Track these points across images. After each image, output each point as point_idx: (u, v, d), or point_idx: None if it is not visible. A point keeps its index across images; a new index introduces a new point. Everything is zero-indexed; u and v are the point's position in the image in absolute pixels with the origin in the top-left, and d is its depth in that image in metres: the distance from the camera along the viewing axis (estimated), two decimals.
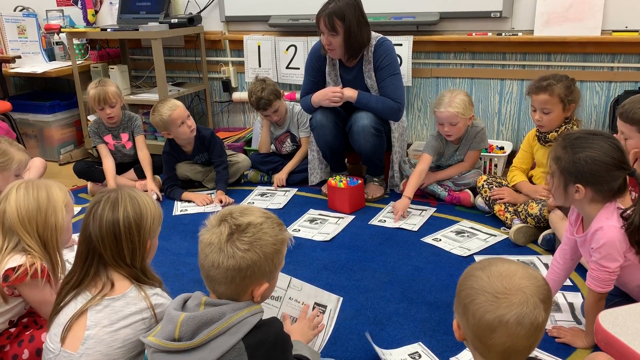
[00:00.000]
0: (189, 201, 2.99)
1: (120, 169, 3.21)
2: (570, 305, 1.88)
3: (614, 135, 1.78)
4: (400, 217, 2.62)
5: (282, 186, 3.12)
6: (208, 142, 3.06)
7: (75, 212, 2.88)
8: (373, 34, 2.77)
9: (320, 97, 2.82)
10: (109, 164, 3.10)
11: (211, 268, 1.17)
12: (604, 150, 1.53)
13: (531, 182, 2.56)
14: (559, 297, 1.92)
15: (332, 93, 2.77)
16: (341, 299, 1.67)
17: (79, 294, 1.35)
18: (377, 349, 1.65)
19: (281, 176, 3.12)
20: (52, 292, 1.54)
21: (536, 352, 1.63)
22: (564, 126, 2.38)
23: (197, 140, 3.04)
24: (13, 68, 3.78)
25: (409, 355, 1.67)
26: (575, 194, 1.57)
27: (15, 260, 1.49)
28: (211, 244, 1.17)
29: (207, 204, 2.94)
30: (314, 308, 1.64)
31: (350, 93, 2.77)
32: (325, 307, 1.68)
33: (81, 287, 1.35)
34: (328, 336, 1.62)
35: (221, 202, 2.89)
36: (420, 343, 1.73)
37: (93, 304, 1.31)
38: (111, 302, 1.32)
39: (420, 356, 1.67)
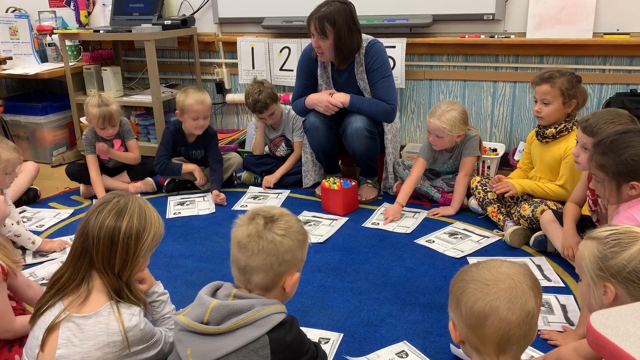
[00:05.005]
0: (188, 181, 3.15)
1: (114, 171, 3.19)
2: (563, 307, 1.89)
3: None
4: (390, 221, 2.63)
5: (270, 188, 3.11)
6: (210, 139, 3.09)
7: (67, 215, 2.89)
8: (364, 36, 2.77)
9: (315, 101, 2.82)
10: (96, 176, 3.01)
11: (251, 257, 1.22)
12: None
13: None
14: (551, 299, 1.93)
15: (329, 105, 2.75)
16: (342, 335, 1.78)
17: (58, 301, 1.32)
18: None
19: (270, 179, 3.11)
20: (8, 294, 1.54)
21: (533, 353, 1.64)
22: (563, 124, 2.38)
23: (202, 134, 3.06)
24: (5, 69, 3.76)
25: (396, 354, 1.69)
26: (630, 191, 1.63)
27: None
28: (249, 235, 1.24)
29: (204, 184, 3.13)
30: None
31: (343, 98, 2.76)
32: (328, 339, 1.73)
33: (66, 291, 1.32)
34: None
35: (218, 196, 2.93)
36: (405, 342, 1.74)
37: (64, 319, 1.29)
38: (82, 321, 1.29)
39: (407, 354, 1.68)
